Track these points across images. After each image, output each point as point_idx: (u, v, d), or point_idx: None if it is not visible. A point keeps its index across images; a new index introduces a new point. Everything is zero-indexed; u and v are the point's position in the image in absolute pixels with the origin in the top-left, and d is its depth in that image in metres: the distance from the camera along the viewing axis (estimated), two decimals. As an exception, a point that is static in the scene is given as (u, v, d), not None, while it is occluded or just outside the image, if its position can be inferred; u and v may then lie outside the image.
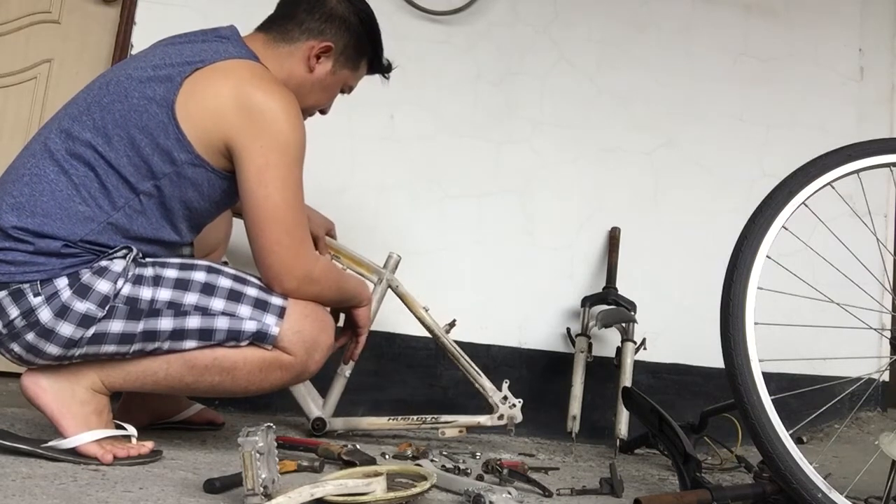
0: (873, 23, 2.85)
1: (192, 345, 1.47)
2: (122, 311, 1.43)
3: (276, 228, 1.48)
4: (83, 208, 1.43)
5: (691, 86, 2.64)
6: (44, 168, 1.45)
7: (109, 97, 1.49)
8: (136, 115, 1.46)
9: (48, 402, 1.45)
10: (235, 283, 1.51)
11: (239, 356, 1.49)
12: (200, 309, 1.46)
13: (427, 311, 2.00)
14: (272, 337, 1.49)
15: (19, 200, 1.43)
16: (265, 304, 1.50)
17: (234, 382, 1.50)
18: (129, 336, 1.44)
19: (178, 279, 1.47)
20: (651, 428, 1.76)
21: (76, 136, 1.47)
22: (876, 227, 2.31)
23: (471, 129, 2.47)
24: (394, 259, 2.03)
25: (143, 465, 1.43)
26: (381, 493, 1.25)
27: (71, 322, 1.40)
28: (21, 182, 1.45)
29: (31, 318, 1.40)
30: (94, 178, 1.45)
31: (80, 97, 1.54)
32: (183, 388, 1.52)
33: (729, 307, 1.41)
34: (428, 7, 2.43)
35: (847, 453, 2.32)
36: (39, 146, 1.48)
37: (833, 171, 1.48)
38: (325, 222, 1.98)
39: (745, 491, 1.53)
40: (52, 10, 2.38)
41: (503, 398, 1.96)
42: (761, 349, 1.39)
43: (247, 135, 1.46)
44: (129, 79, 1.50)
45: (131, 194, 1.46)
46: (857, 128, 2.74)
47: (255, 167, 1.47)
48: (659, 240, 2.56)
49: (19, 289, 1.40)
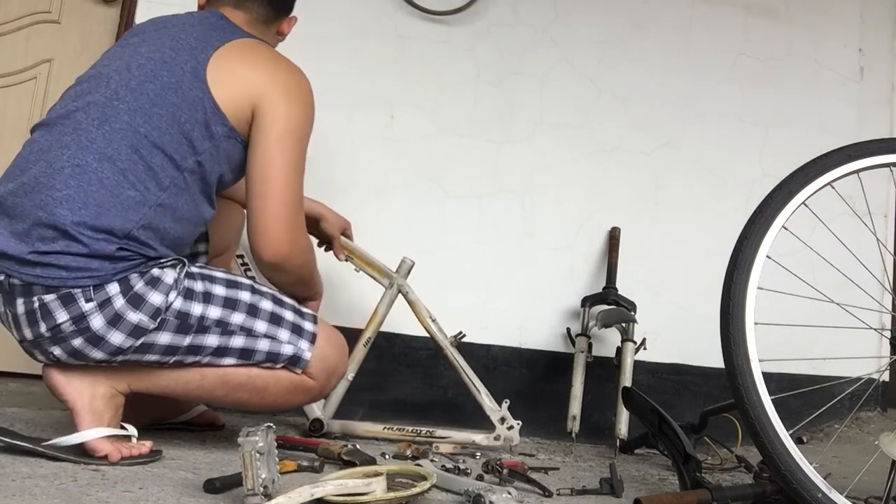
0: (873, 23, 2.85)
1: (230, 362, 1.52)
2: (172, 324, 1.45)
3: (284, 192, 1.51)
4: (133, 193, 1.42)
5: (691, 86, 2.64)
6: (84, 158, 1.42)
7: (137, 80, 1.48)
8: (171, 91, 1.47)
9: (70, 393, 1.44)
10: (275, 305, 1.56)
11: (271, 378, 1.55)
12: (245, 330, 1.51)
13: (434, 321, 1.97)
14: (305, 362, 1.56)
15: (68, 193, 1.39)
16: (300, 330, 1.57)
17: (261, 401, 1.55)
18: (174, 348, 1.47)
19: (226, 298, 1.51)
20: (651, 428, 1.76)
21: (112, 122, 1.44)
22: (876, 227, 2.31)
23: (471, 129, 2.47)
24: (407, 264, 2.01)
25: (143, 465, 1.43)
26: (381, 493, 1.25)
27: (122, 331, 1.41)
28: (63, 174, 1.41)
29: (82, 324, 1.38)
30: (138, 161, 1.43)
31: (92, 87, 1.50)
32: (211, 399, 1.57)
33: (729, 307, 1.41)
34: (428, 7, 2.43)
35: (847, 453, 2.32)
36: (70, 138, 1.44)
37: (833, 171, 1.48)
38: (342, 222, 1.97)
39: (745, 491, 1.53)
40: (52, 10, 2.38)
41: (501, 419, 1.91)
42: (761, 349, 1.39)
43: (276, 100, 1.51)
44: (152, 60, 1.51)
45: (176, 172, 1.46)
46: (857, 128, 2.74)
47: (277, 132, 1.51)
48: (659, 240, 2.56)
49: (70, 293, 1.37)
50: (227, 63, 1.51)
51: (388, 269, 2.01)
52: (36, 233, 1.38)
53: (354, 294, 2.22)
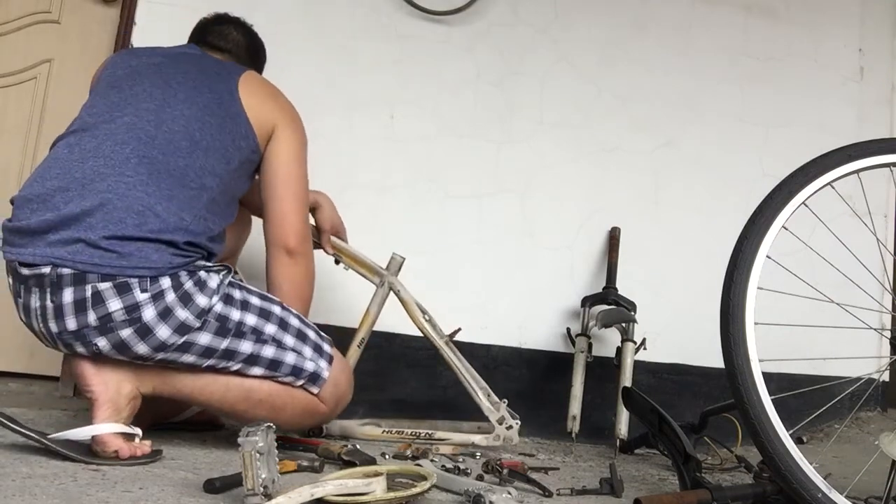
0: (873, 23, 2.85)
1: (258, 372, 1.58)
2: (212, 325, 1.50)
3: (298, 196, 1.74)
4: (193, 189, 1.54)
5: (691, 86, 2.64)
6: (149, 151, 1.52)
7: (183, 92, 1.61)
8: (215, 104, 1.62)
9: (98, 385, 1.47)
10: (301, 323, 1.66)
11: (289, 398, 1.63)
12: (276, 341, 1.59)
13: (428, 319, 1.94)
14: (322, 380, 1.65)
15: (140, 178, 1.48)
16: (321, 350, 1.66)
17: (276, 420, 1.56)
18: (212, 351, 1.51)
19: (261, 308, 1.59)
20: (651, 428, 1.76)
21: (170, 124, 1.56)
22: (876, 227, 2.31)
23: (471, 129, 2.47)
24: (397, 261, 1.98)
25: (143, 465, 1.43)
26: (381, 493, 1.25)
27: (170, 326, 1.45)
28: (130, 164, 1.49)
29: (135, 314, 1.42)
30: (196, 160, 1.55)
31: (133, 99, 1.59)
32: (232, 412, 1.62)
33: (729, 307, 1.41)
34: (428, 7, 2.43)
35: (847, 453, 2.32)
36: (128, 136, 1.52)
37: (833, 171, 1.48)
38: (336, 218, 1.98)
39: (745, 491, 1.53)
40: (52, 10, 2.38)
41: (500, 419, 1.88)
42: (761, 349, 1.39)
43: (288, 126, 1.74)
44: (189, 78, 1.64)
45: (223, 174, 1.60)
46: (857, 128, 2.74)
47: (293, 149, 1.74)
48: (659, 240, 2.56)
49: (126, 282, 1.41)
50: (252, 89, 1.69)
51: (378, 266, 1.98)
52: (101, 216, 1.43)
53: (347, 294, 2.21)
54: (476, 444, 1.91)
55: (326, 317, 2.19)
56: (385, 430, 1.96)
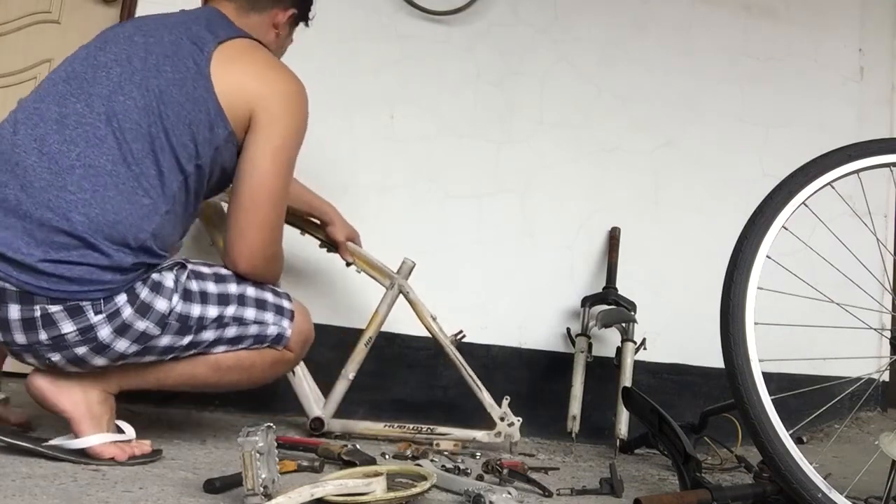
0: (873, 23, 2.85)
1: (222, 349, 1.54)
2: (173, 327, 1.45)
3: (271, 213, 1.53)
4: (147, 201, 1.39)
5: (691, 86, 2.64)
6: (97, 158, 1.35)
7: (140, 74, 1.42)
8: (175, 88, 1.42)
9: (64, 402, 1.41)
10: (257, 290, 1.58)
11: (258, 357, 1.59)
12: (237, 320, 1.54)
13: (435, 319, 1.98)
14: (286, 339, 1.61)
15: (83, 197, 1.33)
16: (282, 310, 1.60)
17: (249, 378, 1.60)
18: (173, 348, 1.48)
19: (219, 294, 1.52)
20: (651, 428, 1.76)
21: (122, 120, 1.38)
22: (876, 227, 2.31)
23: (471, 129, 2.47)
24: (408, 265, 2.02)
25: (143, 465, 1.43)
26: (381, 493, 1.25)
27: (128, 339, 1.40)
28: (74, 174, 1.34)
29: (89, 335, 1.36)
30: (151, 165, 1.39)
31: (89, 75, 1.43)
32: (204, 386, 1.58)
33: (729, 307, 1.41)
34: (428, 7, 2.43)
35: (847, 453, 2.32)
36: (76, 133, 1.36)
37: (833, 171, 1.48)
38: (349, 230, 1.98)
39: (745, 491, 1.53)
40: (52, 10, 2.38)
41: (501, 416, 1.92)
42: (761, 349, 1.39)
43: (274, 112, 1.49)
44: (153, 53, 1.45)
45: (181, 176, 1.43)
46: (857, 128, 2.74)
47: (272, 145, 1.50)
48: (659, 240, 2.56)
49: (78, 305, 1.33)
50: (228, 64, 1.47)
51: (389, 270, 2.01)
52: (45, 236, 1.31)
53: (355, 295, 2.22)
54: (477, 439, 1.93)
55: (334, 317, 2.21)
56: (387, 426, 1.97)
